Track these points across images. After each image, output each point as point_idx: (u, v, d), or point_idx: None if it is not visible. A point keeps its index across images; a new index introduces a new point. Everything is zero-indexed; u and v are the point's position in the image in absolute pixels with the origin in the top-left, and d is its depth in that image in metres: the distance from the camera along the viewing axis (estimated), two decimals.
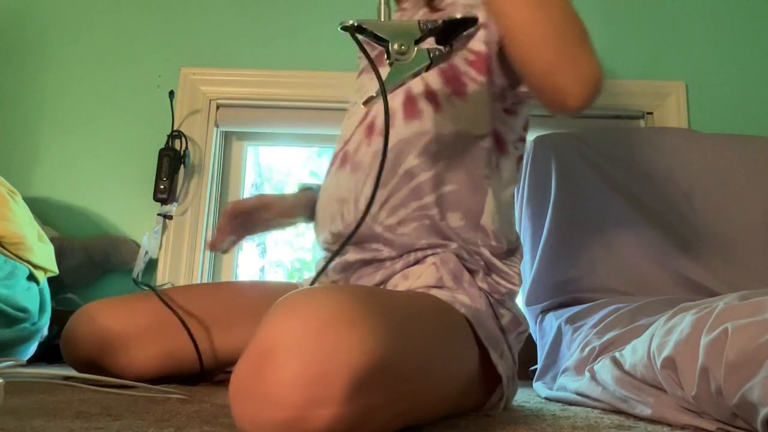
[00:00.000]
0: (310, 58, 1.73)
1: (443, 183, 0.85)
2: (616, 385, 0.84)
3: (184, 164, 1.66)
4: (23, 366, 1.02)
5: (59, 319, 1.34)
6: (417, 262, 0.84)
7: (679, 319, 0.74)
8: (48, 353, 1.31)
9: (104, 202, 1.69)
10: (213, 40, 1.77)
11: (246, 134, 1.81)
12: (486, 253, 0.86)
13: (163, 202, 1.64)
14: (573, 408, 0.92)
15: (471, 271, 0.84)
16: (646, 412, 0.77)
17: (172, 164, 1.64)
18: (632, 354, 0.81)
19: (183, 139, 1.68)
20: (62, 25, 1.80)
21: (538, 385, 1.18)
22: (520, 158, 0.95)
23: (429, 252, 0.84)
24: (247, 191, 1.84)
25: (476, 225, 0.85)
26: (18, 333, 1.19)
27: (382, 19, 0.71)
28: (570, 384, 0.98)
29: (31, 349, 1.26)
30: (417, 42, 0.70)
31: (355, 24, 0.70)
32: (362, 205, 0.86)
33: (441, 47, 0.71)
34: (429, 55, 0.70)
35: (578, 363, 1.02)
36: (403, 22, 0.75)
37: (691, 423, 0.70)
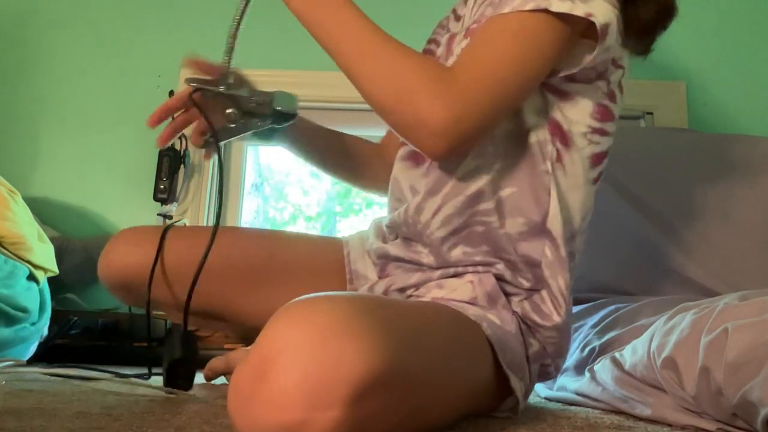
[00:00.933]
0: (311, 58, 1.72)
1: (503, 186, 0.80)
2: (616, 385, 0.84)
3: (184, 164, 1.66)
4: (23, 366, 1.03)
5: (59, 319, 1.34)
6: (456, 275, 0.81)
7: (679, 319, 0.74)
8: (48, 353, 1.31)
9: (104, 203, 1.69)
10: (213, 40, 1.76)
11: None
12: (545, 266, 0.79)
13: (163, 202, 1.64)
14: (573, 408, 0.91)
15: (508, 294, 0.80)
16: (646, 412, 0.77)
17: (172, 164, 1.64)
18: (632, 354, 0.81)
19: (183, 139, 1.68)
20: (62, 25, 1.80)
21: (538, 385, 1.18)
22: (600, 156, 0.83)
23: (470, 270, 0.80)
24: (247, 191, 1.84)
25: (542, 229, 0.79)
26: (18, 333, 1.19)
27: (221, 88, 0.90)
28: (570, 384, 0.98)
29: (31, 349, 1.26)
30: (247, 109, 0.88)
31: (195, 86, 0.90)
32: (411, 212, 0.83)
33: (265, 124, 0.88)
34: (256, 124, 0.88)
35: (578, 363, 1.02)
36: (240, 93, 0.91)
37: (691, 423, 0.70)
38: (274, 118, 0.89)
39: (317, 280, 0.94)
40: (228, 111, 0.88)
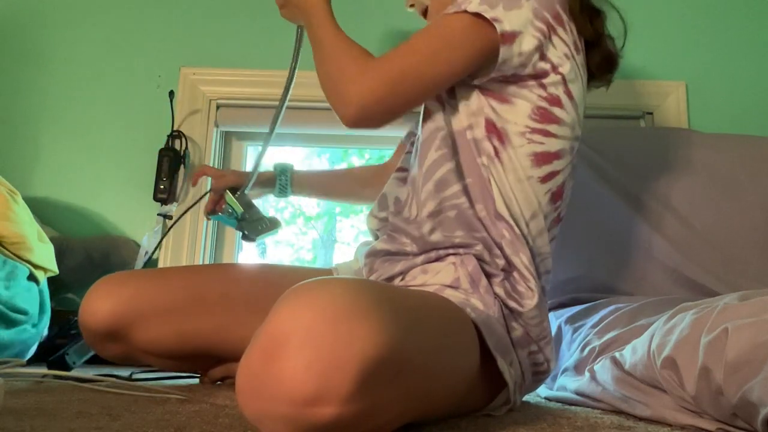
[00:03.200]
0: (311, 58, 1.72)
1: (464, 176, 0.87)
2: (616, 385, 0.84)
3: (184, 164, 1.66)
4: (23, 366, 1.03)
5: (59, 319, 1.34)
6: (438, 259, 0.85)
7: (679, 319, 0.74)
8: (48, 353, 1.31)
9: (104, 202, 1.69)
10: (213, 40, 1.77)
11: (246, 134, 1.81)
12: (505, 245, 0.85)
13: (163, 202, 1.64)
14: (573, 408, 0.92)
15: (489, 275, 0.83)
16: (646, 412, 0.77)
17: (172, 164, 1.64)
18: (632, 354, 0.81)
19: (183, 139, 1.68)
20: (62, 24, 1.80)
21: None
22: (546, 156, 0.88)
23: (451, 251, 0.85)
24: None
25: (496, 214, 0.86)
26: (18, 335, 1.18)
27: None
28: (570, 384, 0.98)
29: (32, 350, 1.26)
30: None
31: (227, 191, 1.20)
32: (402, 204, 0.94)
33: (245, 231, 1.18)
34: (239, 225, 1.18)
35: (578, 363, 1.02)
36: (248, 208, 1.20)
37: (691, 423, 0.70)
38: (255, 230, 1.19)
39: None
40: (232, 210, 1.19)
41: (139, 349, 0.94)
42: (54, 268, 1.33)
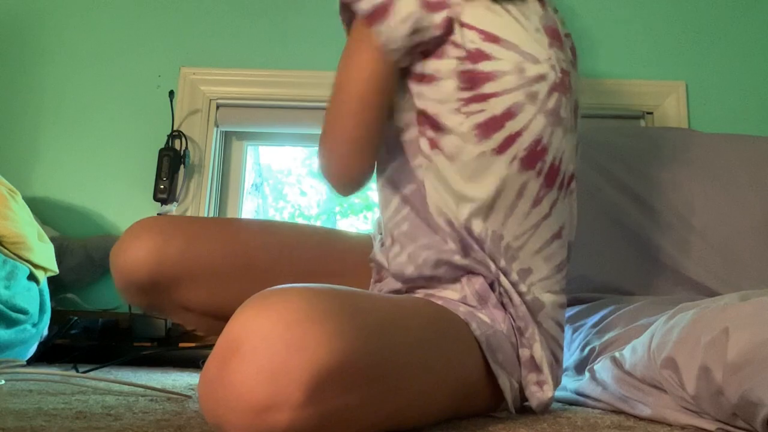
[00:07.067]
0: (310, 58, 1.73)
1: (398, 185, 0.83)
2: (616, 385, 0.84)
3: (184, 164, 1.66)
4: (23, 366, 1.03)
5: (59, 319, 1.34)
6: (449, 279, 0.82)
7: (679, 319, 0.74)
8: (48, 353, 1.31)
9: (104, 202, 1.69)
10: (213, 40, 1.77)
11: (246, 134, 1.81)
12: (458, 249, 0.79)
13: (163, 202, 1.64)
14: (573, 408, 0.91)
15: (493, 287, 0.80)
16: (646, 412, 0.77)
17: (172, 164, 1.64)
18: (632, 354, 0.81)
19: (183, 139, 1.68)
20: (62, 25, 1.80)
21: None
22: (492, 122, 0.76)
23: (461, 273, 0.80)
24: (247, 191, 1.84)
25: (426, 214, 0.80)
26: (18, 335, 1.18)
27: None
28: (570, 384, 0.98)
29: (32, 349, 1.26)
30: None
31: None
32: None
33: None
34: None
35: (578, 363, 1.02)
36: None
37: (691, 423, 0.70)
38: None
39: (348, 277, 0.94)
40: None
41: (176, 304, 0.86)
42: (54, 267, 1.33)
